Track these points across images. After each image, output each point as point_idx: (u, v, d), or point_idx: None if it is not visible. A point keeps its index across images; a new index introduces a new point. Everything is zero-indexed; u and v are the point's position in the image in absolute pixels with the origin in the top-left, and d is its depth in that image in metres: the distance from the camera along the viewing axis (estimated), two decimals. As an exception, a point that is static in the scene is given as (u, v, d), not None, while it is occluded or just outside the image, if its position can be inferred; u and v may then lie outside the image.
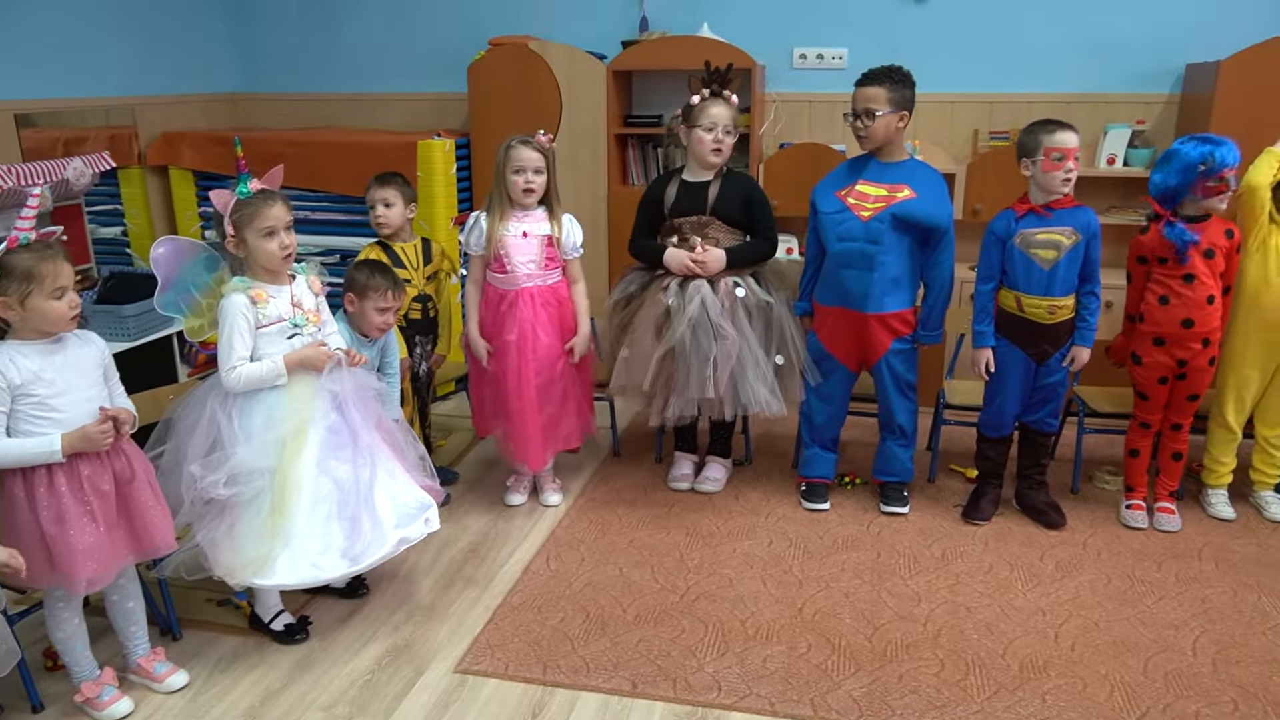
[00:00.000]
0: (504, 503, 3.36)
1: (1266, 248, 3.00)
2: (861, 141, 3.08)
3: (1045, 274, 2.92)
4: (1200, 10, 3.95)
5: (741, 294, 3.10)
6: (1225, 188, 2.86)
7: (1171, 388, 3.08)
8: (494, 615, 2.68)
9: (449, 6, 4.62)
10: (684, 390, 3.07)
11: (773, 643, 2.54)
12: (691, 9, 4.31)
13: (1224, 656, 2.47)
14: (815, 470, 3.34)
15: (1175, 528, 3.12)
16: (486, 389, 3.25)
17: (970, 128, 4.25)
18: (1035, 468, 3.22)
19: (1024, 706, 2.28)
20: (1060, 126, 2.87)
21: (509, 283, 3.13)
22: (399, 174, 3.29)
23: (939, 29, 4.20)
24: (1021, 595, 2.76)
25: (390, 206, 3.22)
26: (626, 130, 4.30)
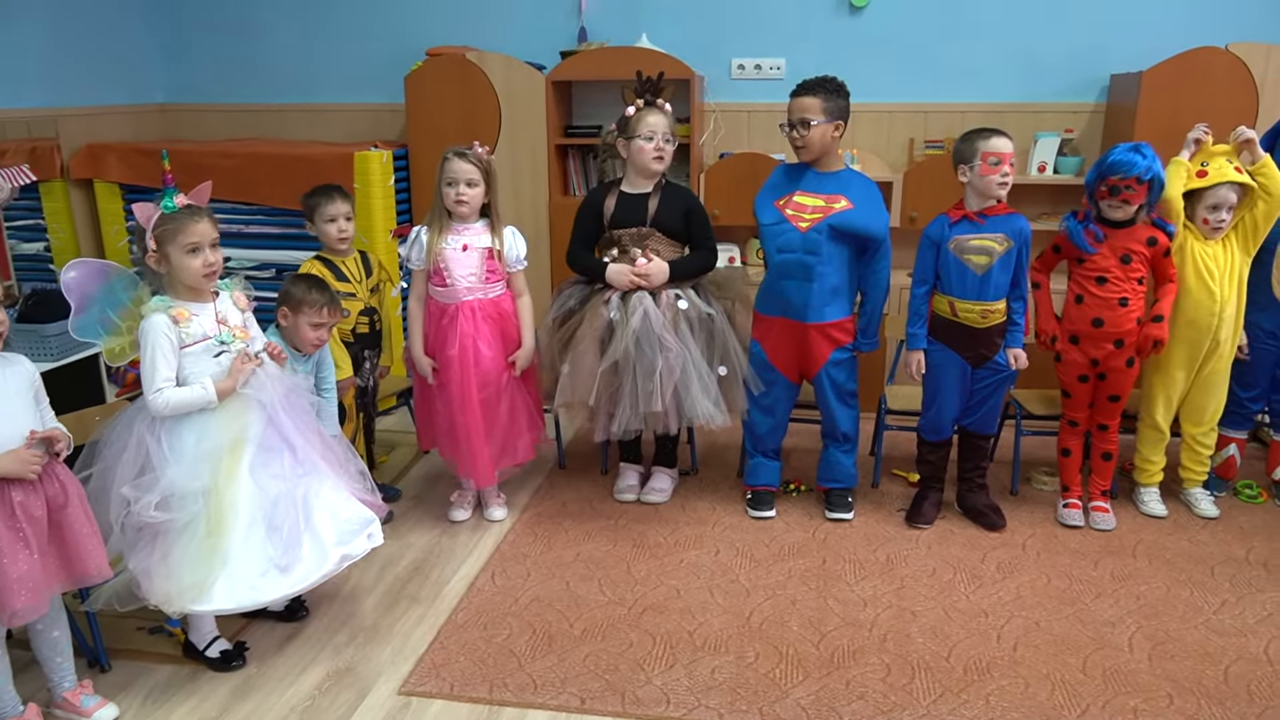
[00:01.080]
0: (448, 519, 3.30)
1: (1184, 254, 3.10)
2: (798, 152, 3.11)
3: (978, 279, 2.97)
4: (1123, 23, 4.08)
5: (684, 306, 3.10)
6: (1107, 194, 2.96)
7: (1094, 388, 3.16)
8: (439, 634, 2.63)
9: (385, 17, 4.57)
10: (630, 404, 3.05)
11: (721, 653, 2.53)
12: (630, 20, 4.32)
13: (1159, 651, 2.52)
14: (760, 479, 3.35)
15: (1110, 526, 3.19)
16: (431, 405, 3.20)
17: (906, 137, 4.32)
18: (975, 470, 3.27)
19: (969, 709, 2.30)
20: (995, 133, 2.93)
21: (449, 296, 3.09)
22: (339, 187, 3.24)
23: (875, 40, 4.27)
24: (964, 597, 2.79)
25: (350, 220, 3.18)
26: (567, 141, 4.29)
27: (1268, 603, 2.75)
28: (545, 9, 4.41)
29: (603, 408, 3.12)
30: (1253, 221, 3.07)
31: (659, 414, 3.07)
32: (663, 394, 3.02)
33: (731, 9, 4.32)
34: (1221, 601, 2.76)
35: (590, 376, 3.05)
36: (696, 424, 3.17)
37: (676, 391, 3.05)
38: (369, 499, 2.56)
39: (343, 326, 3.15)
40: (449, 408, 3.11)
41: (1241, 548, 3.08)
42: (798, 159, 3.15)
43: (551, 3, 4.41)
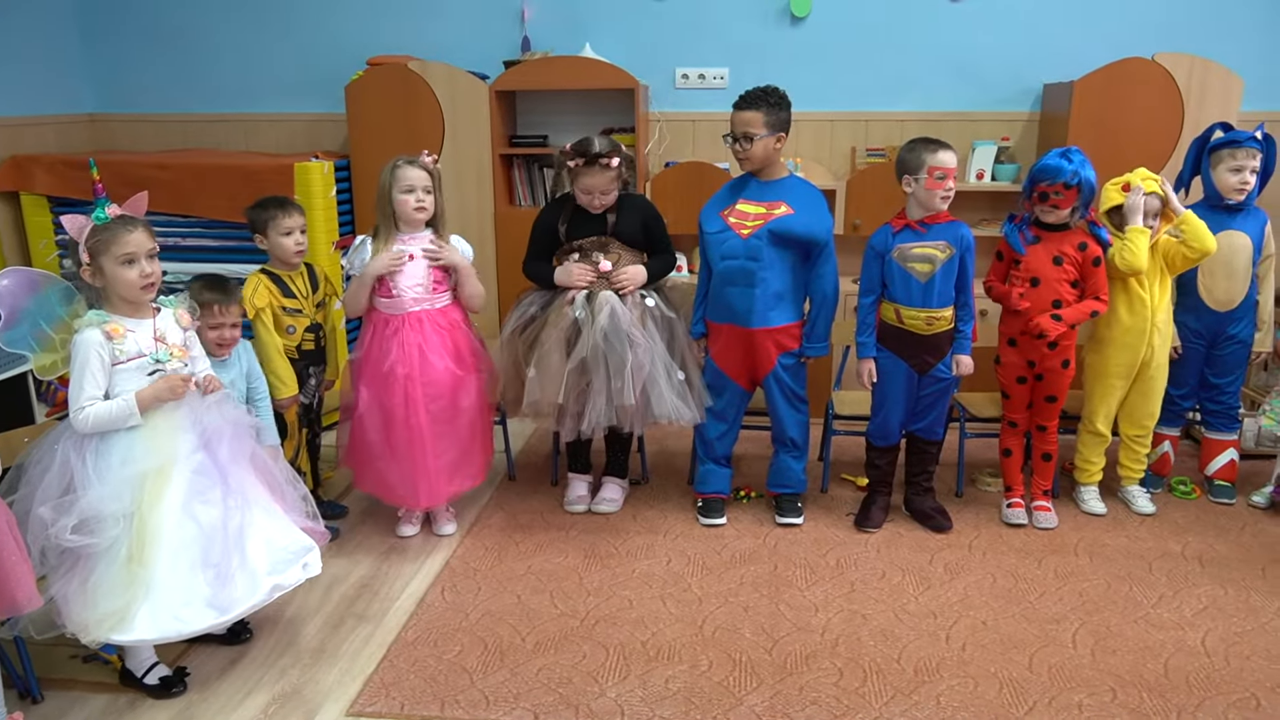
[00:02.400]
0: (396, 535, 3.25)
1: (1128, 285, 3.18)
2: (741, 163, 3.14)
3: (922, 286, 3.02)
4: (1055, 34, 4.19)
5: (651, 303, 3.11)
6: (1039, 200, 3.04)
7: (1032, 389, 3.23)
8: (388, 653, 2.58)
9: (325, 25, 4.50)
10: (602, 400, 3.02)
11: (674, 662, 2.52)
12: (573, 30, 4.32)
13: (1102, 647, 2.58)
14: (711, 486, 3.36)
15: (1052, 524, 3.26)
16: (370, 431, 3.09)
17: (848, 145, 4.38)
18: (922, 474, 3.32)
19: (920, 710, 2.33)
20: (942, 146, 2.98)
21: (395, 307, 3.05)
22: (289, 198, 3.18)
23: (816, 50, 4.32)
24: (914, 599, 2.83)
25: (304, 233, 3.12)
26: (512, 150, 4.27)
27: (1203, 596, 2.83)
28: (488, 19, 4.39)
29: (570, 408, 3.08)
30: (1181, 259, 3.14)
31: (628, 410, 3.05)
32: (634, 389, 3.01)
33: (674, 19, 4.34)
34: (1159, 596, 2.84)
35: (558, 376, 3.02)
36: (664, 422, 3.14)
37: (644, 388, 3.04)
38: (309, 525, 2.51)
39: (288, 343, 3.09)
40: (393, 423, 3.04)
41: (1177, 543, 3.16)
42: (740, 170, 3.17)
43: (494, 12, 4.38)
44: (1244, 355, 3.44)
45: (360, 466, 3.18)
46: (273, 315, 3.05)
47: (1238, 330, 3.39)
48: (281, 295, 3.06)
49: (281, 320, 3.07)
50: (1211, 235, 3.10)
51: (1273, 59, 4.07)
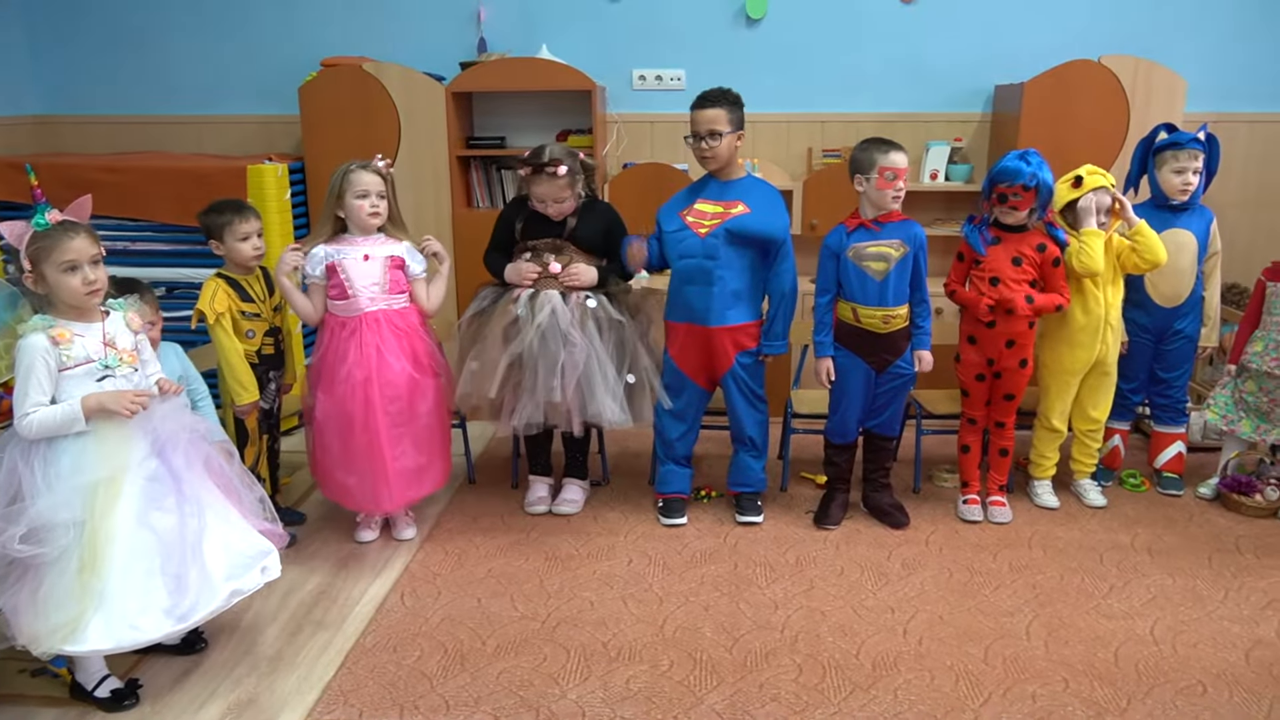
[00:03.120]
0: (354, 540, 3.22)
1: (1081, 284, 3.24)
2: (706, 162, 3.14)
3: (878, 285, 3.05)
4: (1006, 36, 4.25)
5: (593, 305, 3.11)
6: (998, 201, 3.09)
7: (990, 386, 3.28)
8: (346, 659, 2.56)
9: (277, 26, 4.44)
10: (530, 395, 3.04)
11: (635, 663, 2.53)
12: (530, 31, 4.31)
13: (1054, 638, 2.63)
14: (671, 486, 3.37)
15: (1007, 519, 3.31)
16: (329, 437, 3.06)
17: (805, 146, 4.42)
18: (879, 471, 3.36)
19: (878, 704, 2.35)
20: (893, 147, 3.01)
21: (350, 308, 3.02)
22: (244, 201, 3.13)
23: (772, 52, 4.35)
24: (872, 595, 2.86)
25: (262, 236, 3.07)
26: (469, 152, 4.25)
27: (1151, 586, 2.90)
28: (443, 20, 4.37)
29: (506, 403, 3.09)
30: (1132, 265, 3.20)
31: (559, 407, 3.06)
32: (564, 387, 3.02)
33: (630, 20, 4.35)
34: (1110, 587, 2.89)
35: (493, 370, 3.03)
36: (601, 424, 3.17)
37: (581, 391, 3.05)
38: (268, 528, 2.48)
39: (247, 348, 3.05)
40: (351, 427, 3.01)
41: (1127, 535, 3.23)
42: (704, 169, 3.18)
43: (449, 14, 4.36)
44: (1190, 351, 3.51)
45: (323, 474, 3.14)
46: (232, 320, 3.01)
47: (1184, 326, 3.46)
48: (240, 300, 3.02)
49: (241, 325, 3.03)
50: (1163, 248, 3.16)
51: (1215, 61, 4.17)
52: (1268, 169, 4.25)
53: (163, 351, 2.87)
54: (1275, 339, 3.29)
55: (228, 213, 3.01)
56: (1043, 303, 3.13)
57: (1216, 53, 4.18)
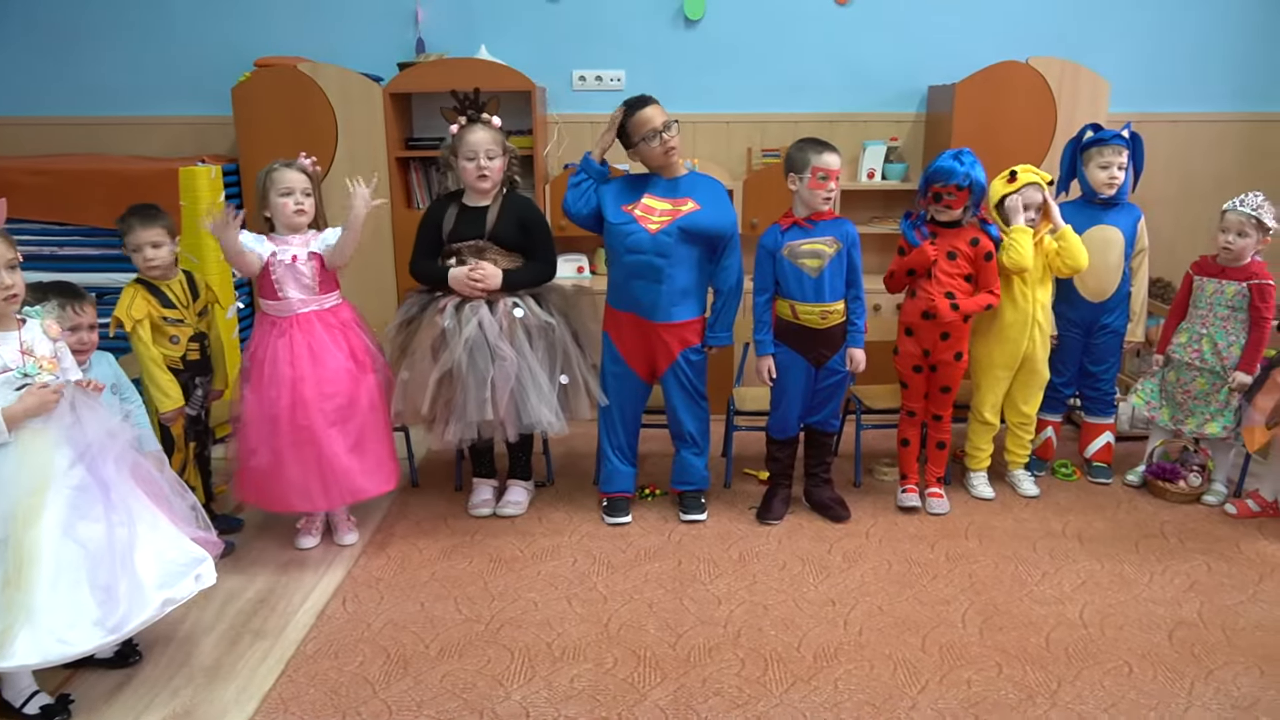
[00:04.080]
0: (295, 547, 3.17)
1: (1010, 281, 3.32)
2: (670, 154, 3.14)
3: (814, 282, 3.10)
4: (938, 38, 4.34)
5: (520, 314, 3.10)
6: (933, 200, 3.16)
7: (927, 379, 3.35)
8: (286, 667, 2.52)
9: (209, 25, 4.36)
10: (462, 413, 3.04)
11: (580, 661, 2.53)
12: (468, 31, 4.29)
13: (989, 624, 2.70)
14: (615, 485, 3.39)
15: (944, 510, 3.39)
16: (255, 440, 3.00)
17: (745, 146, 4.46)
18: (820, 465, 3.41)
19: (818, 695, 2.39)
20: (826, 148, 3.05)
21: (283, 309, 3.00)
22: (157, 207, 3.05)
23: (711, 52, 4.39)
24: (813, 588, 2.90)
25: (159, 247, 2.97)
26: (408, 153, 4.22)
27: (1081, 571, 2.99)
28: (380, 20, 4.32)
29: (439, 416, 3.08)
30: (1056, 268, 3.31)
31: (492, 422, 3.06)
32: (496, 403, 3.02)
33: (570, 21, 4.35)
34: (1042, 574, 2.98)
35: (423, 384, 3.02)
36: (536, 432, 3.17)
37: (515, 399, 3.05)
38: (201, 535, 2.44)
39: (171, 354, 2.99)
40: (279, 428, 2.95)
41: (1059, 523, 3.33)
42: (665, 162, 3.15)
43: (386, 14, 4.32)
44: (1118, 345, 3.62)
45: (247, 475, 3.06)
46: (153, 326, 2.95)
47: (1111, 320, 3.57)
48: (160, 305, 2.96)
49: (165, 330, 2.98)
50: (1084, 254, 3.27)
51: (1136, 63, 4.31)
52: (1188, 166, 4.40)
53: (95, 360, 2.81)
54: (1198, 331, 3.41)
55: (125, 221, 2.95)
56: (969, 306, 3.21)
57: (1138, 55, 4.32)
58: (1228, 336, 3.34)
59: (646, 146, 3.11)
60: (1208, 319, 3.38)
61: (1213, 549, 3.13)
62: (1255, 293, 3.27)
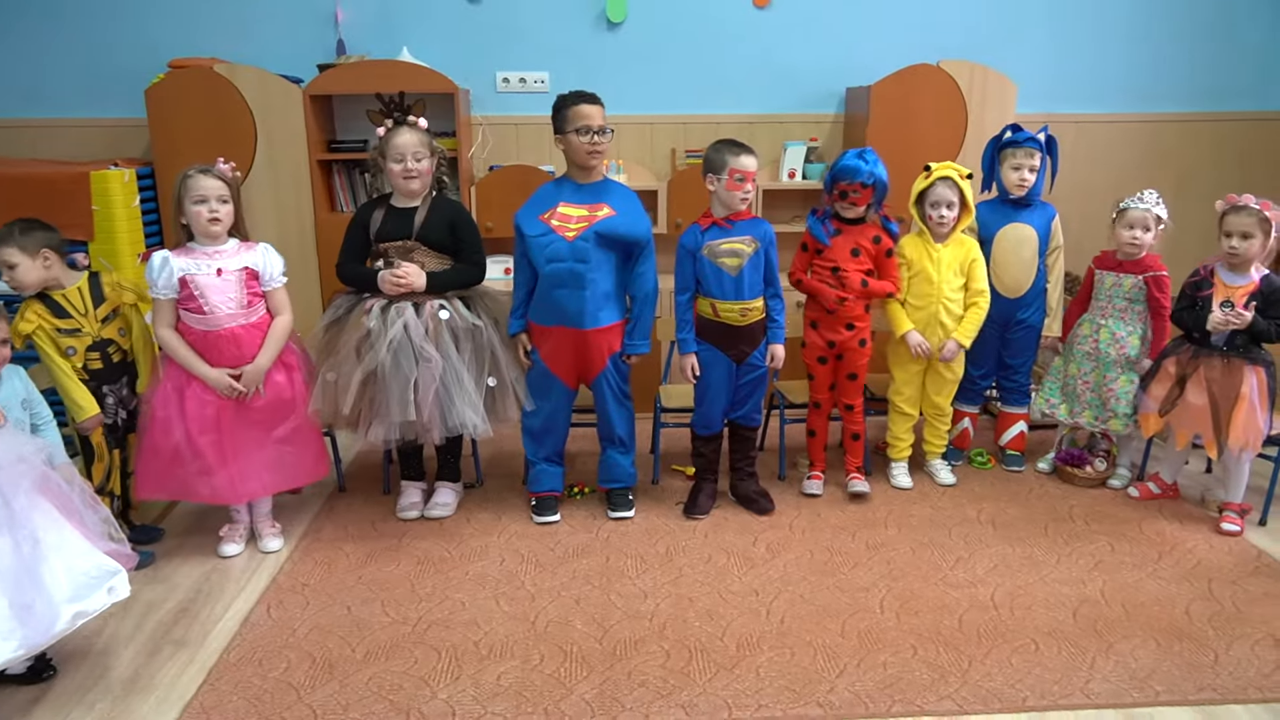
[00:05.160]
0: (218, 555, 3.13)
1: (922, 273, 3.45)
2: (595, 158, 3.16)
3: (733, 280, 3.17)
4: (856, 40, 4.46)
5: (446, 316, 3.10)
6: (838, 197, 3.26)
7: (834, 368, 3.44)
8: (208, 676, 2.49)
9: (121, 25, 4.26)
10: (385, 414, 3.04)
11: (507, 659, 2.56)
12: (389, 33, 4.27)
13: (905, 609, 2.79)
14: (543, 485, 3.41)
15: (864, 489, 3.49)
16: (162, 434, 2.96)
17: (668, 147, 4.52)
18: (744, 460, 3.48)
19: (740, 683, 2.45)
20: (743, 150, 3.12)
21: (208, 324, 2.95)
22: (16, 224, 2.89)
23: (634, 54, 4.44)
24: (738, 579, 2.96)
25: (14, 267, 2.85)
26: (331, 156, 4.18)
27: (994, 555, 3.10)
28: (298, 21, 4.27)
29: (363, 416, 3.08)
30: None
31: (415, 424, 3.07)
32: (419, 404, 3.02)
33: (492, 23, 4.36)
34: (957, 559, 3.09)
35: (347, 385, 3.02)
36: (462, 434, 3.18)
37: (440, 401, 3.06)
38: (114, 548, 2.39)
39: (75, 363, 2.93)
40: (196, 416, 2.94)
41: (974, 509, 3.45)
42: (586, 163, 3.17)
43: (305, 15, 4.27)
44: (1033, 339, 3.75)
45: (154, 470, 2.99)
46: (49, 338, 2.88)
47: (1027, 315, 3.70)
48: (53, 316, 2.89)
49: (60, 342, 2.91)
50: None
51: (1042, 66, 4.48)
52: (1091, 164, 4.59)
53: (6, 374, 2.72)
54: (1098, 321, 3.56)
55: None
56: (875, 286, 3.32)
57: (1043, 58, 4.49)
58: (1125, 327, 3.50)
59: (577, 139, 3.11)
60: (1106, 310, 3.54)
61: (1116, 530, 3.28)
62: (1153, 285, 3.44)
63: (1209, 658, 2.54)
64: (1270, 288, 3.13)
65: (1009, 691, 2.41)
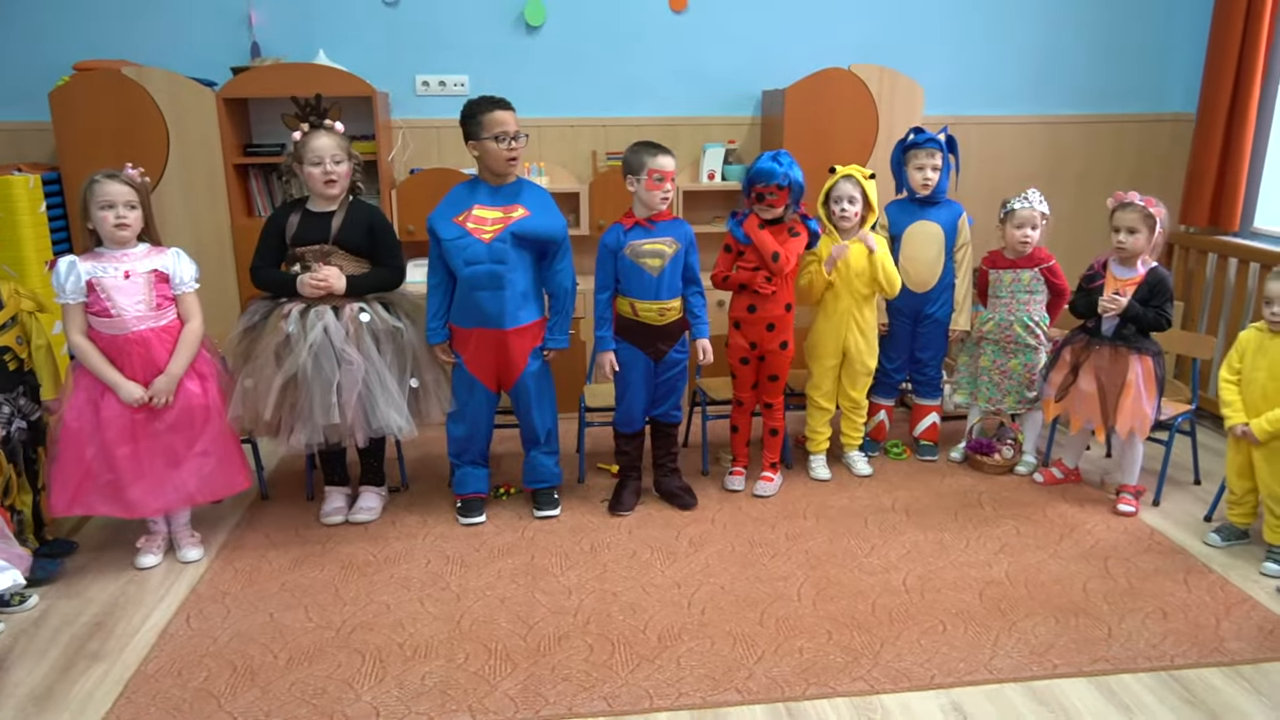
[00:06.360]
0: (135, 566, 3.08)
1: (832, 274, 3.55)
2: (513, 165, 3.18)
3: (654, 280, 3.23)
4: (770, 44, 4.56)
5: (366, 319, 3.11)
6: (756, 199, 3.34)
7: (756, 368, 3.54)
8: (125, 689, 2.46)
9: (23, 25, 4.13)
10: (308, 418, 3.03)
11: (431, 659, 2.57)
12: (305, 36, 4.23)
13: (822, 595, 2.88)
14: (469, 487, 3.43)
15: (769, 492, 3.59)
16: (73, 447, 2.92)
17: (589, 149, 4.57)
18: (667, 456, 3.54)
19: (662, 673, 2.51)
20: (662, 151, 3.19)
21: (117, 327, 2.90)
22: None
23: (554, 58, 4.46)
24: (660, 573, 3.03)
25: None
26: (247, 160, 4.12)
27: (906, 542, 3.22)
28: (211, 23, 4.20)
29: (284, 422, 3.06)
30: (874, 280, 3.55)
31: (338, 427, 3.07)
32: (343, 407, 3.02)
33: (410, 26, 4.34)
34: (872, 546, 3.20)
35: (267, 391, 3.00)
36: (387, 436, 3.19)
37: (364, 404, 3.06)
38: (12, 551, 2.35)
39: None
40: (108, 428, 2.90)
41: (889, 499, 3.57)
42: (504, 170, 3.19)
43: (217, 17, 4.20)
44: (942, 333, 3.90)
45: (68, 485, 2.94)
46: None
47: (935, 310, 3.85)
48: None
49: None
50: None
51: (948, 70, 4.64)
52: (996, 164, 4.76)
53: None
54: (1005, 318, 3.72)
55: None
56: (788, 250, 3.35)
57: (949, 62, 4.65)
58: (1034, 316, 3.67)
59: (494, 145, 3.13)
60: (1011, 305, 3.70)
61: (1021, 514, 3.44)
62: (1049, 274, 3.64)
63: (1103, 631, 2.69)
64: (1155, 279, 3.31)
65: (918, 670, 2.51)
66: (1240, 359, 3.13)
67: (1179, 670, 2.52)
